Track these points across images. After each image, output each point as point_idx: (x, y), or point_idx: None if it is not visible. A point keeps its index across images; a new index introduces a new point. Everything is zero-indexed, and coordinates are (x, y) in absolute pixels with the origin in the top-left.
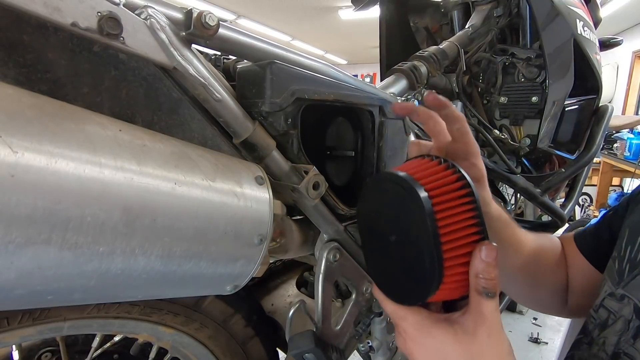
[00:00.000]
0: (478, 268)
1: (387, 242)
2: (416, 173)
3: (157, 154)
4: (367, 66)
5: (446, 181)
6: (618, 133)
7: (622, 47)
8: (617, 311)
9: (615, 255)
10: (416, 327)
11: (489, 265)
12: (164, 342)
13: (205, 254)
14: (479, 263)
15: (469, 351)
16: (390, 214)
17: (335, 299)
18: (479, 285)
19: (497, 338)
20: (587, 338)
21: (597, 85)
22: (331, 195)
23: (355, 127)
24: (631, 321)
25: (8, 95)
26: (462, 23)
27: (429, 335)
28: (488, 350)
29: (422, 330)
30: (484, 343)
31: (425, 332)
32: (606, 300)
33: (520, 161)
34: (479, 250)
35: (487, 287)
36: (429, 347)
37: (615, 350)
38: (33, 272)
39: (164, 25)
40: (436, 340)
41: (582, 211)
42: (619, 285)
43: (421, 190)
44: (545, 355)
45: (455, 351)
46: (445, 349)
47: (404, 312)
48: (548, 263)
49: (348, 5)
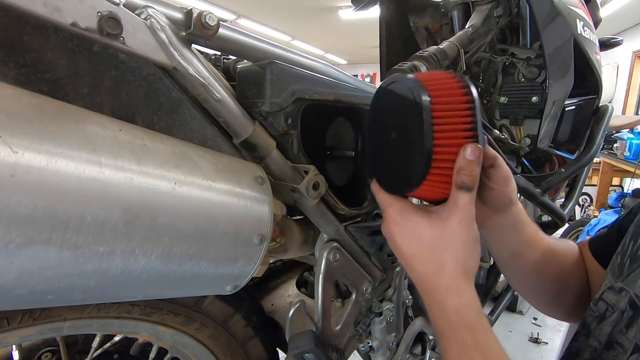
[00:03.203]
0: (461, 164)
1: (388, 138)
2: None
3: (157, 153)
4: (367, 66)
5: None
6: (618, 133)
7: (622, 47)
8: (614, 304)
9: (619, 250)
10: (399, 212)
11: (472, 163)
12: (164, 342)
13: (205, 254)
14: (462, 160)
15: (439, 233)
16: (396, 112)
17: (335, 299)
18: (459, 180)
19: (467, 226)
20: (585, 330)
21: (597, 85)
22: (331, 195)
23: (355, 127)
24: (625, 312)
25: (8, 95)
26: (462, 23)
27: (407, 218)
28: (456, 234)
29: (403, 214)
30: (454, 228)
31: (405, 216)
32: (605, 293)
33: (520, 161)
34: (464, 148)
35: (466, 181)
36: (407, 228)
37: (608, 339)
38: (33, 272)
39: (164, 25)
40: (413, 222)
41: (582, 211)
42: (618, 278)
43: (425, 93)
44: (545, 355)
45: (427, 233)
46: (420, 230)
47: (390, 200)
48: (566, 264)
49: (348, 5)
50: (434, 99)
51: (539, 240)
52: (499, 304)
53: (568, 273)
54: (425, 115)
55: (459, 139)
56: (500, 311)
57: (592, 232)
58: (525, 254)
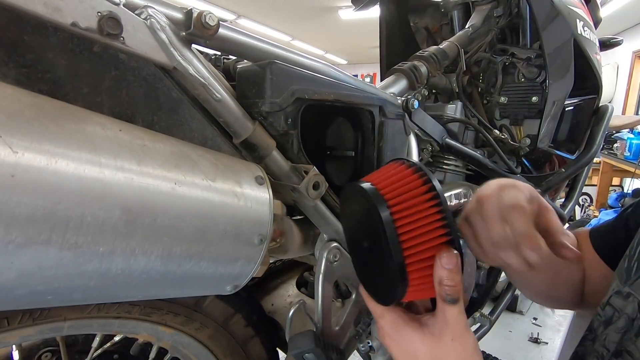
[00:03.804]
0: (441, 275)
1: (363, 246)
2: (382, 181)
3: (157, 154)
4: (367, 66)
5: (410, 186)
6: (618, 133)
7: (622, 47)
8: (621, 309)
9: (627, 254)
10: (391, 325)
11: (451, 272)
12: (164, 342)
13: (206, 254)
14: (440, 270)
15: (433, 352)
16: (361, 222)
17: (335, 299)
18: (443, 292)
19: (461, 341)
20: (592, 335)
21: (597, 85)
22: (331, 195)
23: (355, 127)
24: (635, 319)
25: (8, 95)
26: (462, 23)
27: (400, 333)
28: (451, 352)
29: (395, 328)
30: (448, 346)
31: (398, 330)
32: (612, 298)
33: (520, 161)
34: (439, 257)
35: (450, 293)
36: (401, 344)
37: (617, 347)
38: (33, 272)
39: (164, 25)
40: (406, 339)
41: (582, 211)
42: (626, 283)
43: (382, 205)
44: (545, 355)
45: (422, 351)
46: (414, 347)
47: (381, 311)
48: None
49: (348, 5)
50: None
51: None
52: (499, 304)
53: (565, 265)
54: (389, 230)
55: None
56: (500, 311)
57: None
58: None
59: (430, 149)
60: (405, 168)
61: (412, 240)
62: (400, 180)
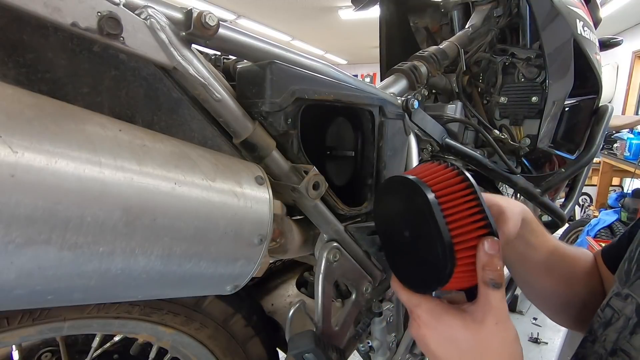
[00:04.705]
0: (483, 260)
1: (402, 237)
2: (423, 176)
3: (157, 154)
4: (367, 66)
5: (450, 181)
6: (618, 133)
7: (622, 47)
8: (620, 310)
9: (626, 256)
10: (429, 313)
11: (493, 257)
12: (164, 342)
13: (205, 254)
14: (483, 255)
15: (477, 337)
16: (403, 213)
17: (335, 299)
18: (486, 277)
19: (504, 325)
20: (592, 336)
21: (597, 85)
22: (331, 195)
23: (355, 127)
24: (631, 319)
25: (8, 95)
26: (462, 23)
27: (440, 320)
28: (495, 337)
29: (434, 316)
30: (491, 330)
31: (437, 317)
32: (612, 300)
33: (520, 161)
34: (482, 243)
35: (493, 278)
36: (441, 332)
37: (613, 347)
38: (33, 272)
39: (164, 25)
40: (447, 325)
41: (582, 211)
42: (625, 284)
43: (428, 190)
44: (545, 355)
45: (464, 337)
46: (455, 334)
47: (418, 300)
48: (578, 269)
49: (348, 5)
50: (438, 192)
51: (545, 242)
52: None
53: (579, 278)
54: (437, 212)
55: (474, 229)
56: None
57: (592, 233)
58: (530, 256)
59: (430, 149)
60: (437, 164)
61: (455, 224)
62: (436, 173)
